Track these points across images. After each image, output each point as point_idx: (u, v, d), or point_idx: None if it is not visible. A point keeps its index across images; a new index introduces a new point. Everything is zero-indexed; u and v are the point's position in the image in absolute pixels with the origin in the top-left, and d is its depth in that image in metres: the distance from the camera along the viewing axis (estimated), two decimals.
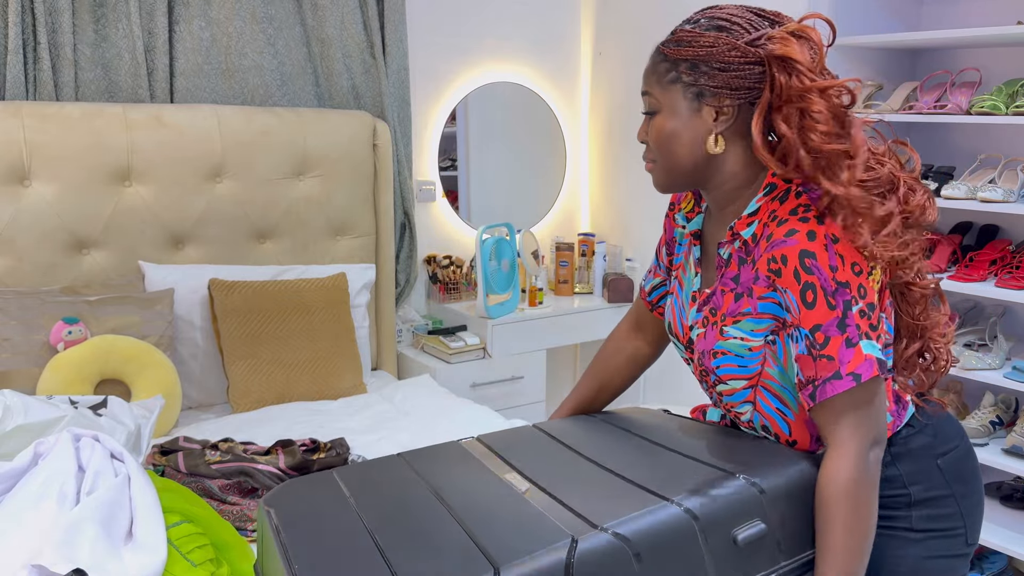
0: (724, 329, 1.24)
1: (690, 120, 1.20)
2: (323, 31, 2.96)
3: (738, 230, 1.23)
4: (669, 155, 1.23)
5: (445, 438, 2.31)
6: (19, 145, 2.44)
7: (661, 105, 1.22)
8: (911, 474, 1.24)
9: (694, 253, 1.35)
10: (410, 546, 1.04)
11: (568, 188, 3.75)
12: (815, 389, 1.14)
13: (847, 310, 1.12)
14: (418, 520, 1.12)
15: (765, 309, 1.19)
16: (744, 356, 1.23)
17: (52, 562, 1.35)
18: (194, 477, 1.88)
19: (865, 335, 1.12)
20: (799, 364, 1.16)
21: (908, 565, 1.23)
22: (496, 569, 0.95)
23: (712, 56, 1.17)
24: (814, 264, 1.12)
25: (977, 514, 1.29)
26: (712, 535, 1.05)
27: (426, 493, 1.19)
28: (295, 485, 1.29)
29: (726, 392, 1.28)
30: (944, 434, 1.28)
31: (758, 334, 1.21)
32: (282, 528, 1.14)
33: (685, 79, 1.19)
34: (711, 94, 1.18)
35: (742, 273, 1.23)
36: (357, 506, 1.17)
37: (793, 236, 1.13)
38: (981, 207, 2.45)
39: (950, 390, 2.76)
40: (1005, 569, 2.67)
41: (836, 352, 1.12)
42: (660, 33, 1.28)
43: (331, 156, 2.92)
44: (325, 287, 2.78)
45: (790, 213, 1.16)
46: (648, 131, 1.25)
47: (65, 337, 2.35)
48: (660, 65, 1.22)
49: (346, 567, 1.03)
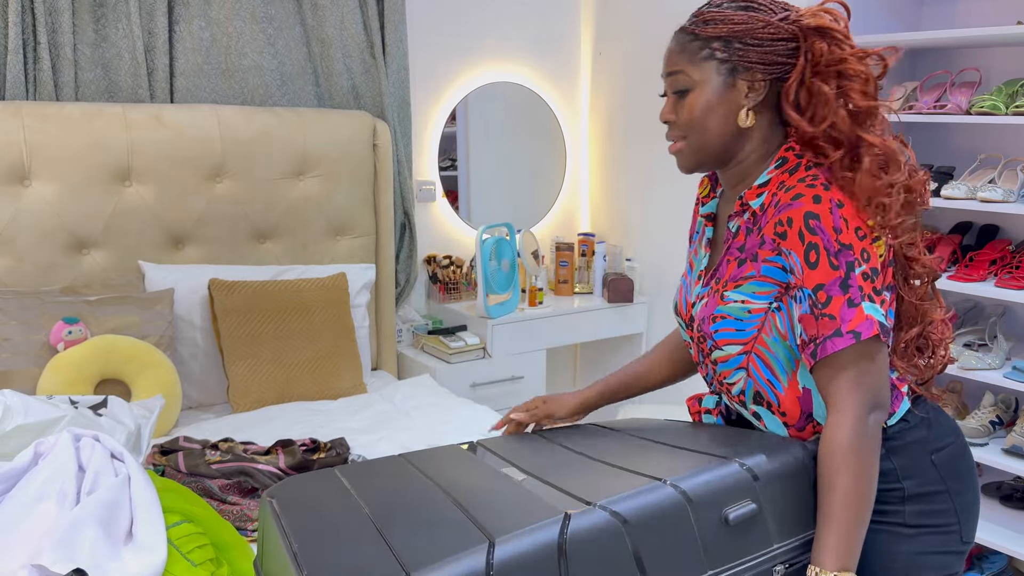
0: (725, 294, 1.27)
1: (724, 95, 1.25)
2: (323, 31, 2.96)
3: (748, 200, 1.26)
4: (703, 131, 1.27)
5: (445, 438, 2.31)
6: (19, 145, 2.44)
7: (694, 82, 1.26)
8: (905, 468, 1.24)
9: (706, 234, 1.39)
10: (407, 525, 1.06)
11: (568, 188, 3.75)
12: (816, 347, 1.17)
13: (850, 271, 1.15)
14: (415, 503, 1.14)
15: (768, 272, 1.22)
16: (743, 319, 1.25)
17: (52, 562, 1.35)
18: (194, 477, 1.88)
19: (868, 297, 1.15)
20: (802, 324, 1.19)
21: (901, 561, 1.24)
22: (491, 541, 0.96)
23: (747, 32, 1.23)
24: (818, 225, 1.15)
25: (972, 512, 1.29)
26: (703, 514, 1.07)
27: (424, 481, 1.21)
28: (297, 479, 1.31)
29: (721, 359, 1.30)
30: (939, 430, 1.29)
31: (760, 297, 1.23)
32: (283, 515, 1.16)
33: (719, 55, 1.24)
34: (744, 69, 1.24)
35: (748, 241, 1.26)
36: (357, 494, 1.19)
37: (799, 200, 1.18)
38: (981, 207, 2.45)
39: (950, 390, 2.76)
40: (1005, 569, 2.67)
41: (838, 311, 1.15)
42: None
43: (331, 156, 2.92)
44: (325, 287, 2.78)
45: (798, 181, 1.21)
46: (678, 110, 1.29)
47: (65, 337, 2.35)
48: (691, 44, 1.26)
49: (343, 544, 1.04)
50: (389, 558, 0.97)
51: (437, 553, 0.96)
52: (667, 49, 1.30)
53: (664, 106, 1.32)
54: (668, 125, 1.32)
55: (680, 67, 1.27)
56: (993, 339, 2.60)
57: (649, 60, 3.34)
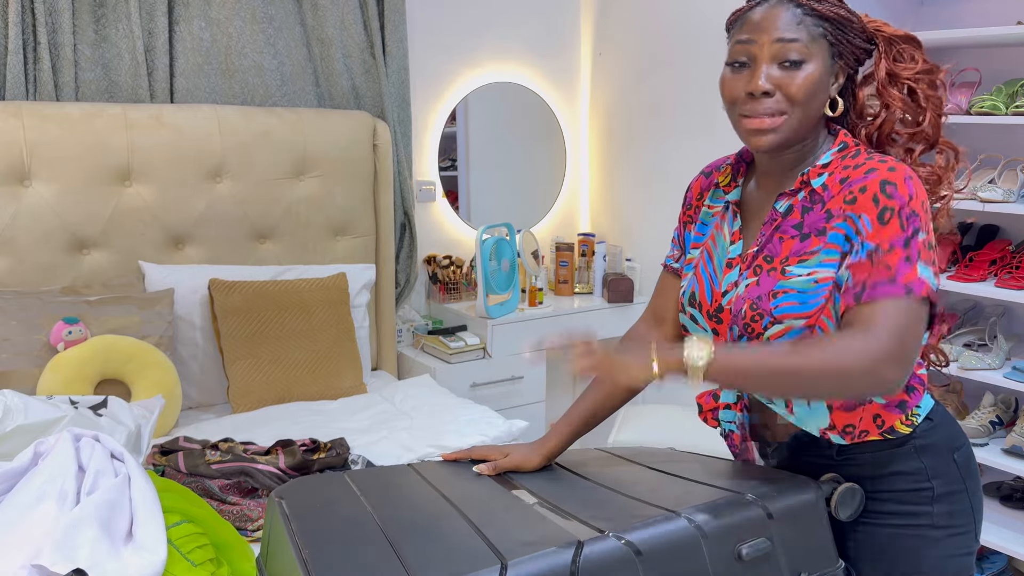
0: (787, 269, 1.22)
1: (827, 77, 1.23)
2: (323, 31, 2.96)
3: (810, 178, 1.24)
4: (807, 108, 1.22)
5: (445, 438, 2.32)
6: (19, 145, 2.44)
7: (811, 55, 1.21)
8: (933, 468, 1.23)
9: (732, 225, 1.34)
10: (418, 539, 1.06)
11: (568, 188, 3.75)
12: (863, 290, 1.14)
13: (915, 234, 1.14)
14: (427, 517, 1.13)
15: (834, 239, 1.20)
16: (808, 291, 1.20)
17: (52, 562, 1.35)
18: (194, 477, 1.88)
19: (925, 262, 1.14)
20: (852, 270, 1.16)
21: (928, 567, 1.22)
22: (503, 564, 0.95)
23: (849, 21, 1.24)
24: (894, 191, 1.15)
25: (981, 510, 1.29)
26: (717, 549, 1.05)
27: (435, 495, 1.20)
28: (306, 481, 1.31)
29: (777, 335, 1.22)
30: (955, 429, 1.29)
31: (828, 264, 1.20)
32: (293, 517, 1.15)
33: (830, 37, 1.22)
34: (840, 56, 1.24)
35: (806, 218, 1.23)
36: (367, 502, 1.19)
37: (873, 172, 1.18)
38: (981, 207, 2.45)
39: (950, 390, 2.76)
40: (1005, 569, 2.68)
41: (895, 263, 1.13)
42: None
43: (331, 156, 2.92)
44: (325, 287, 2.78)
45: (866, 159, 1.21)
46: (785, 81, 1.20)
47: (65, 337, 2.35)
48: (806, 18, 1.21)
49: (355, 555, 1.04)
50: (400, 571, 0.97)
51: (449, 570, 0.95)
52: (766, 14, 1.21)
53: (751, 76, 1.21)
54: (760, 97, 1.21)
55: (797, 35, 1.20)
56: (993, 339, 2.60)
57: (649, 60, 3.35)
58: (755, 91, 1.20)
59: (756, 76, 1.20)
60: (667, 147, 3.32)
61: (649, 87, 3.36)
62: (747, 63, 1.22)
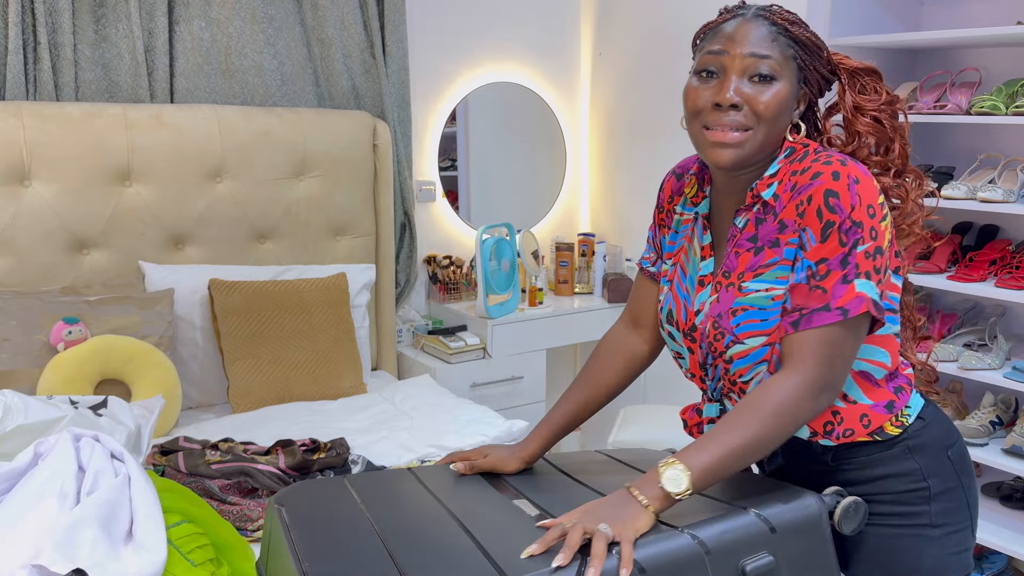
0: (743, 285, 1.22)
1: (794, 98, 1.22)
2: (323, 31, 2.96)
3: (759, 191, 1.23)
4: (772, 126, 1.20)
5: (445, 438, 2.32)
6: (19, 145, 2.44)
7: (782, 74, 1.20)
8: (928, 467, 1.23)
9: (702, 239, 1.33)
10: (419, 551, 1.05)
11: (568, 188, 3.75)
12: (801, 317, 1.15)
13: (853, 248, 1.14)
14: (428, 528, 1.12)
15: (788, 255, 1.19)
16: (766, 308, 1.20)
17: (52, 562, 1.35)
18: (194, 477, 1.88)
19: (865, 275, 1.14)
20: (791, 293, 1.17)
21: (928, 566, 1.22)
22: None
23: (821, 51, 1.24)
24: (837, 203, 1.14)
25: (977, 506, 1.29)
26: (720, 565, 1.05)
27: (436, 505, 1.20)
28: (306, 486, 1.30)
29: (739, 355, 1.23)
30: (947, 426, 1.29)
31: (783, 281, 1.20)
32: (292, 525, 1.15)
33: (800, 61, 1.22)
34: (805, 83, 1.24)
35: (760, 231, 1.23)
36: (367, 510, 1.18)
37: (818, 178, 1.16)
38: (981, 207, 2.45)
39: (950, 390, 2.76)
40: (1005, 569, 2.67)
41: (831, 286, 1.14)
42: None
43: (331, 156, 2.92)
44: (325, 287, 2.78)
45: (812, 162, 1.19)
46: (758, 96, 1.18)
47: (65, 337, 2.35)
48: (780, 37, 1.20)
49: (355, 566, 1.03)
50: None
51: None
52: (740, 27, 1.20)
53: (720, 86, 1.19)
54: (727, 109, 1.18)
55: (771, 52, 1.18)
56: (993, 339, 2.60)
57: (649, 60, 3.35)
58: (723, 102, 1.18)
59: (725, 87, 1.18)
60: (667, 147, 3.31)
61: (649, 87, 3.36)
62: (716, 73, 1.20)
